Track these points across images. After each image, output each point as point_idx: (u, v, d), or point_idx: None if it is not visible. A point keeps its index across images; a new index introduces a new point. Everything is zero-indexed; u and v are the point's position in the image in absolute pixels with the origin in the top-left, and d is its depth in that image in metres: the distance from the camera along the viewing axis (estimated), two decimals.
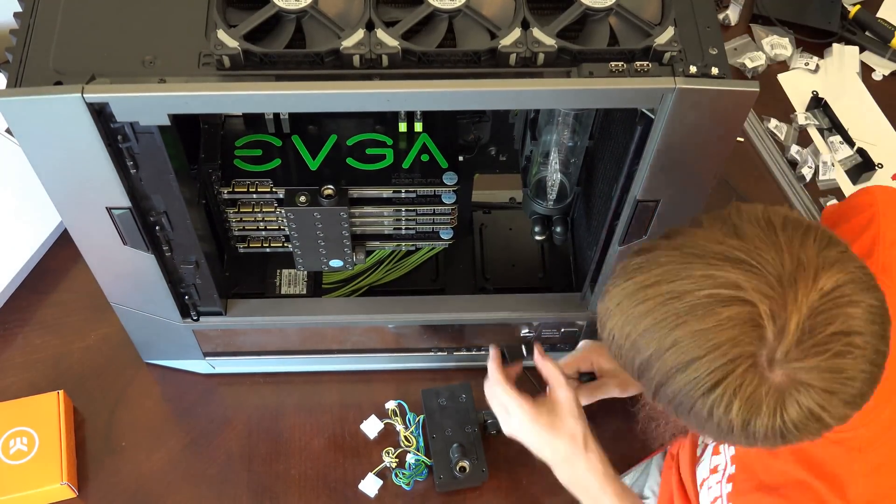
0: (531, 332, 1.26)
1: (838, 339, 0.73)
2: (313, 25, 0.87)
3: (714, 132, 0.91)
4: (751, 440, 0.77)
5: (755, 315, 0.73)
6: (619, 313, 0.79)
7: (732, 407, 0.74)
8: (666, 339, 0.75)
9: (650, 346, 0.77)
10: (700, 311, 0.74)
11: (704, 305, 0.74)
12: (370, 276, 1.26)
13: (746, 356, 0.73)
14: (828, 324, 0.73)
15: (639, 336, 0.77)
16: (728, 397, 0.74)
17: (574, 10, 0.88)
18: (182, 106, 0.84)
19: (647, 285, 0.77)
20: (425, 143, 1.13)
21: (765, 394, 0.74)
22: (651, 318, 0.76)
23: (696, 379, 0.74)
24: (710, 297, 0.74)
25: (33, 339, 1.33)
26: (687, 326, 0.74)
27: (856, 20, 1.67)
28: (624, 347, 0.79)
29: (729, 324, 0.73)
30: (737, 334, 0.73)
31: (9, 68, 0.84)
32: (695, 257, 0.76)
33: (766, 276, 0.73)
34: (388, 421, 1.28)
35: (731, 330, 0.73)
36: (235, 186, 1.10)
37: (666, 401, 0.79)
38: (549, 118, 1.15)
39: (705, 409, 0.75)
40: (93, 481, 1.23)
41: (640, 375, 0.80)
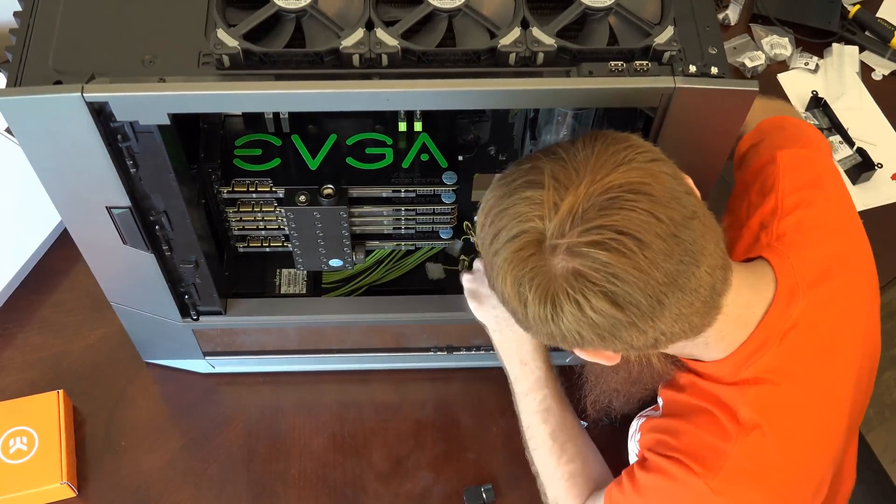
0: None
1: (606, 231, 0.78)
2: (313, 25, 0.87)
3: (714, 132, 0.91)
4: (569, 334, 0.83)
5: (541, 195, 0.80)
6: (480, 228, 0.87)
7: (529, 298, 0.81)
8: (495, 225, 0.83)
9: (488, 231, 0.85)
10: (516, 191, 0.82)
11: (519, 188, 0.82)
12: (370, 276, 1.26)
13: (532, 232, 0.80)
14: (602, 215, 0.78)
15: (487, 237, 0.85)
16: (526, 285, 0.81)
17: (574, 10, 0.89)
18: (182, 105, 0.84)
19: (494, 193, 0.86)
20: (425, 143, 1.13)
21: (554, 280, 0.80)
22: (493, 209, 0.85)
23: (507, 259, 0.82)
24: (525, 182, 0.82)
25: (33, 339, 1.33)
26: (507, 208, 0.82)
27: (856, 20, 1.67)
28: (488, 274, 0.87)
29: (523, 202, 0.81)
30: (524, 210, 0.81)
31: (9, 68, 0.84)
32: (529, 158, 0.85)
33: (567, 166, 0.81)
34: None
35: (521, 206, 0.81)
36: (235, 186, 1.10)
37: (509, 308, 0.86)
38: (548, 118, 1.15)
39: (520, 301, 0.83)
40: (93, 481, 1.23)
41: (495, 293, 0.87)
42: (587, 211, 0.78)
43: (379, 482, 1.24)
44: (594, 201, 0.78)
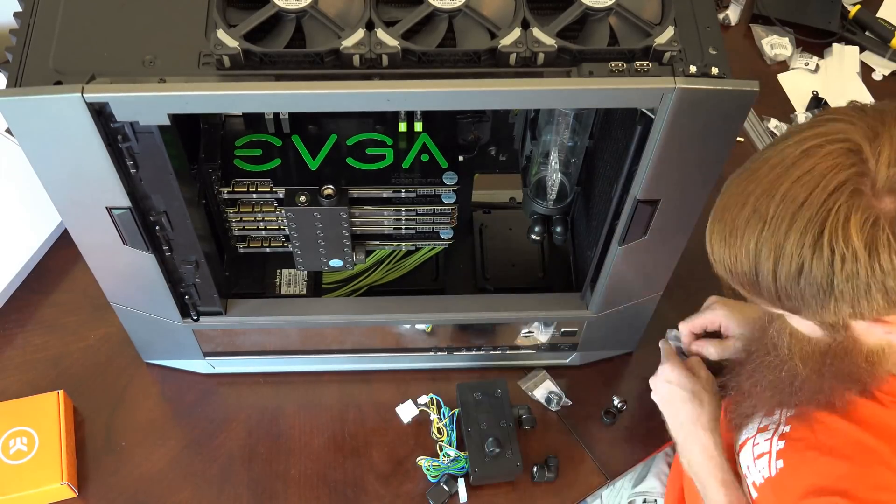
0: (530, 331, 1.27)
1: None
2: (313, 25, 0.87)
3: (714, 132, 0.91)
4: (878, 284, 0.73)
5: (851, 146, 0.72)
6: (725, 215, 0.79)
7: (851, 235, 0.72)
8: (774, 201, 0.74)
9: (760, 219, 0.75)
10: (801, 161, 0.73)
11: (802, 155, 0.73)
12: (370, 276, 1.26)
13: (851, 180, 0.72)
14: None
15: (750, 219, 0.76)
16: (843, 226, 0.72)
17: (574, 10, 0.88)
18: (182, 106, 0.84)
19: (749, 172, 0.78)
20: (425, 143, 1.13)
21: (878, 218, 0.72)
22: (757, 193, 0.76)
23: (809, 220, 0.72)
24: (806, 149, 0.73)
25: (33, 339, 1.33)
26: (791, 178, 0.73)
27: (856, 20, 1.67)
28: (730, 257, 0.78)
29: (828, 157, 0.72)
30: (838, 162, 0.72)
31: (9, 68, 0.84)
32: (788, 137, 0.76)
33: (855, 124, 0.74)
34: (424, 409, 1.29)
35: (830, 160, 0.72)
36: (235, 186, 1.10)
37: (784, 278, 0.76)
38: (549, 118, 1.15)
39: (826, 255, 0.73)
40: (93, 481, 1.23)
41: (757, 268, 0.77)
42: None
43: (379, 482, 1.24)
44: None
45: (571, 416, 1.29)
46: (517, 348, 1.31)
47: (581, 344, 1.29)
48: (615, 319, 1.23)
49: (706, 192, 1.00)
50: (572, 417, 1.29)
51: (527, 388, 1.31)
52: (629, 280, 1.15)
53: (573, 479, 1.25)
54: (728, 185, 0.81)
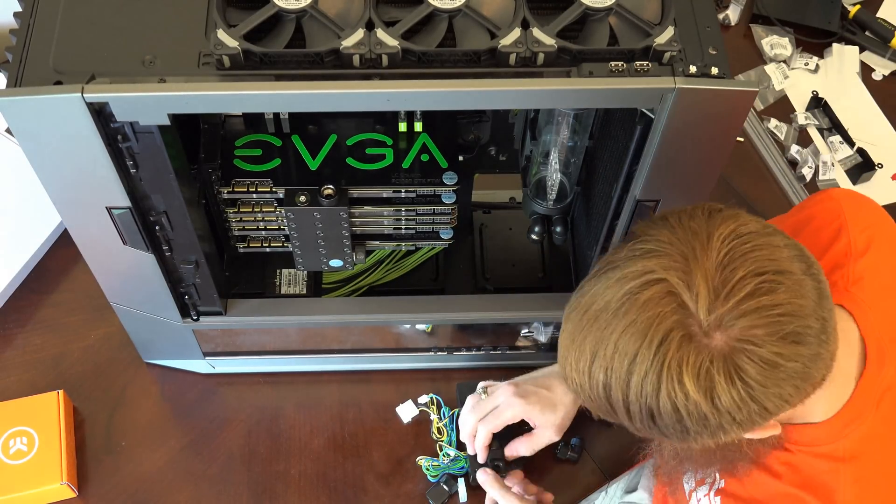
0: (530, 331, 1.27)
1: (750, 280, 0.73)
2: (313, 25, 0.87)
3: (714, 132, 0.91)
4: (726, 417, 0.74)
5: (668, 287, 0.74)
6: (569, 358, 0.79)
7: (687, 388, 0.73)
8: (608, 351, 0.75)
9: (601, 366, 0.76)
10: (623, 307, 0.75)
11: (625, 302, 0.75)
12: (370, 276, 1.26)
13: (676, 328, 0.73)
14: (735, 270, 0.73)
15: (591, 367, 0.77)
16: (679, 376, 0.73)
17: (574, 10, 0.88)
18: (182, 106, 0.84)
19: (578, 318, 0.78)
20: (425, 143, 1.13)
21: (711, 361, 0.73)
22: (591, 340, 0.77)
23: (646, 372, 0.74)
24: (627, 293, 0.75)
25: (33, 339, 1.33)
26: (619, 328, 0.75)
27: (856, 20, 1.67)
28: (588, 386, 0.78)
29: (648, 305, 0.74)
30: (658, 311, 0.73)
31: (9, 68, 0.84)
32: (609, 270, 0.78)
33: (670, 255, 0.75)
34: (424, 409, 1.29)
35: (651, 310, 0.73)
36: (235, 186, 1.10)
37: (639, 421, 0.77)
38: (549, 118, 1.15)
39: (668, 403, 0.74)
40: (93, 481, 1.23)
41: (613, 408, 0.78)
42: (722, 275, 0.73)
43: (379, 482, 1.24)
44: (722, 261, 0.74)
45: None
46: (517, 348, 1.31)
47: None
48: None
49: (706, 192, 1.00)
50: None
51: None
52: None
53: (572, 479, 1.25)
54: (566, 320, 0.81)
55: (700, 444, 0.79)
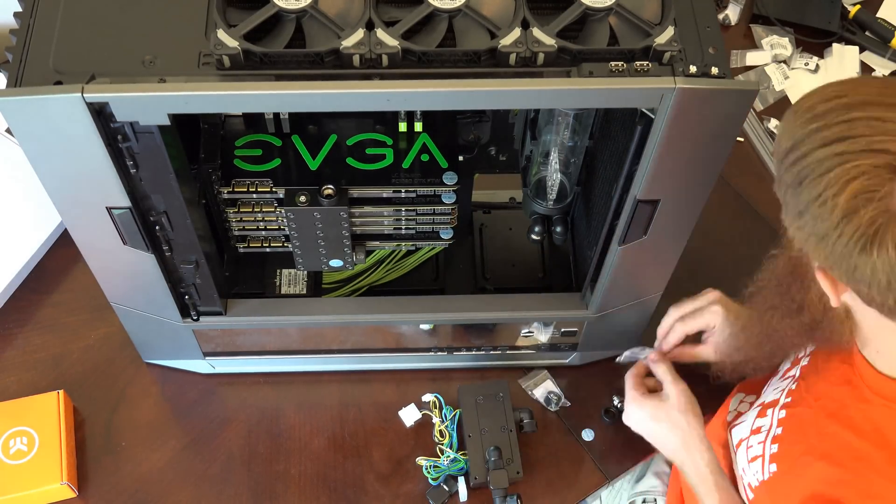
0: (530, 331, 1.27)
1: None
2: (313, 25, 0.87)
3: (714, 132, 0.91)
4: (832, 242, 0.76)
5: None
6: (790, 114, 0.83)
7: (847, 188, 0.75)
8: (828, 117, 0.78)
9: (810, 156, 0.78)
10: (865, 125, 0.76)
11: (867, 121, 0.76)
12: (370, 276, 1.26)
13: (888, 156, 0.74)
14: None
15: (800, 117, 0.81)
16: (849, 177, 0.75)
17: (574, 10, 0.88)
18: (182, 106, 0.84)
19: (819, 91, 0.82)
20: (425, 143, 1.13)
21: (884, 195, 0.74)
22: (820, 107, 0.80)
23: (838, 154, 0.76)
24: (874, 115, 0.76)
25: (33, 339, 1.33)
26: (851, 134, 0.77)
27: (856, 20, 1.67)
28: (784, 164, 0.81)
29: (879, 126, 0.75)
30: (883, 139, 0.75)
31: (9, 68, 0.84)
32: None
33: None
34: (427, 412, 1.28)
35: (875, 132, 0.75)
36: (235, 186, 1.10)
37: (793, 164, 0.80)
38: (549, 118, 1.15)
39: (822, 183, 0.76)
40: (93, 481, 1.23)
41: (785, 154, 0.81)
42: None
43: (379, 482, 1.24)
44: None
45: (571, 416, 1.29)
46: (517, 348, 1.31)
47: (581, 344, 1.29)
48: (615, 319, 1.23)
49: (706, 192, 1.00)
50: (572, 417, 1.29)
51: (527, 387, 1.31)
52: (629, 280, 1.15)
53: (573, 479, 1.25)
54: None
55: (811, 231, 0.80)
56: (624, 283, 1.15)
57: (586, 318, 1.23)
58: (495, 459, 1.19)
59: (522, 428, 1.24)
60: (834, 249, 0.77)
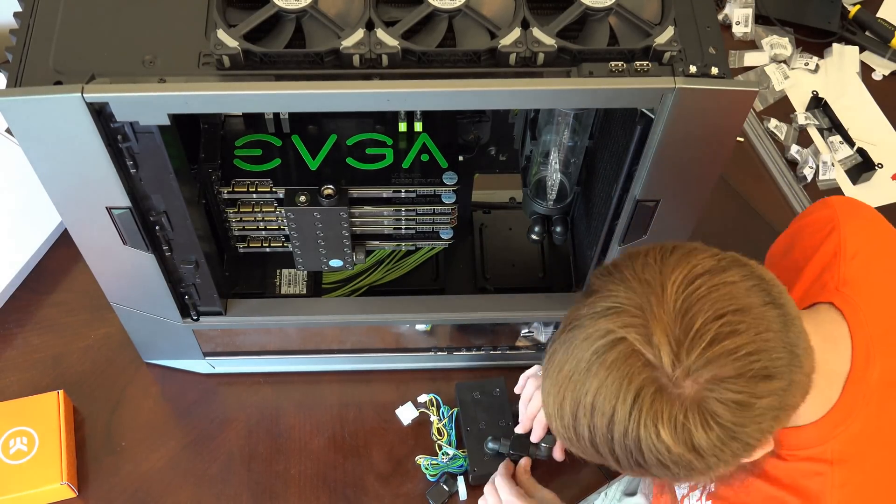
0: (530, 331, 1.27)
1: (710, 325, 0.73)
2: (313, 25, 0.87)
3: (714, 132, 0.91)
4: (711, 459, 0.75)
5: (630, 347, 0.74)
6: (553, 412, 0.80)
7: (666, 441, 0.74)
8: (587, 410, 0.76)
9: (583, 423, 0.77)
10: (593, 368, 0.75)
11: (594, 362, 0.75)
12: (370, 276, 1.26)
13: (647, 385, 0.74)
14: (694, 318, 0.74)
15: (574, 422, 0.78)
16: (656, 432, 0.74)
17: (574, 10, 0.88)
18: (182, 106, 0.84)
19: (555, 375, 0.79)
20: (425, 143, 1.13)
21: (684, 412, 0.73)
22: (569, 402, 0.78)
23: (626, 430, 0.75)
24: (594, 353, 0.76)
25: (33, 339, 1.33)
26: (593, 388, 0.75)
27: (856, 20, 1.67)
28: (574, 438, 0.80)
29: (615, 366, 0.74)
30: (626, 371, 0.74)
31: (9, 68, 0.84)
32: (574, 329, 0.78)
33: (627, 310, 0.75)
34: (424, 410, 1.29)
35: (619, 370, 0.74)
36: (235, 186, 1.10)
37: (627, 464, 0.78)
38: (549, 118, 1.15)
39: (653, 455, 0.75)
40: (93, 481, 1.23)
41: (603, 458, 0.80)
42: (682, 325, 0.74)
43: (379, 482, 1.24)
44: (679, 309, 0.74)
45: None
46: (517, 348, 1.31)
47: None
48: None
49: (706, 192, 1.00)
50: None
51: None
52: None
53: (573, 479, 1.25)
54: (543, 378, 0.82)
55: (695, 480, 0.80)
56: None
57: None
58: (493, 448, 1.19)
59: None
60: (718, 458, 0.75)
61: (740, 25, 1.66)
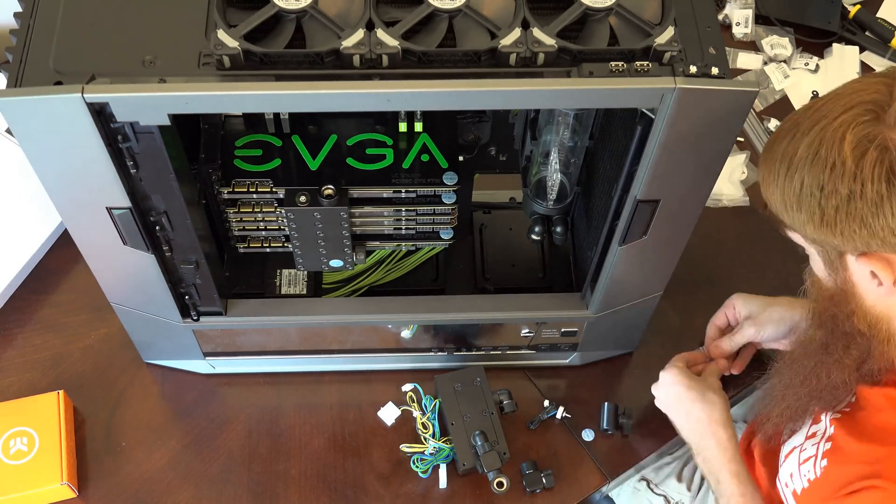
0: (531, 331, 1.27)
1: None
2: (313, 25, 0.87)
3: (714, 132, 0.91)
4: (850, 221, 0.81)
5: (879, 86, 0.81)
6: (765, 163, 0.88)
7: (845, 149, 0.79)
8: (809, 133, 0.83)
9: (798, 149, 0.83)
10: (830, 103, 0.83)
11: (833, 100, 0.83)
12: (370, 276, 1.26)
13: (869, 108, 0.80)
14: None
15: (788, 159, 0.84)
16: (840, 135, 0.80)
17: (574, 10, 0.88)
18: (182, 106, 0.84)
19: (798, 114, 0.87)
20: (425, 143, 1.13)
21: (876, 142, 0.79)
22: (794, 136, 0.84)
23: (824, 130, 0.81)
24: (835, 95, 0.83)
25: (33, 339, 1.33)
26: (834, 111, 0.82)
27: (856, 20, 1.67)
28: (791, 177, 0.85)
29: (854, 96, 0.81)
30: (865, 97, 0.81)
31: (9, 68, 0.84)
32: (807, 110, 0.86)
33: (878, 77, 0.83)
34: (406, 408, 1.28)
35: (855, 95, 0.81)
36: (235, 186, 1.10)
37: (807, 194, 0.83)
38: (549, 118, 1.15)
39: (822, 170, 0.81)
40: (93, 481, 1.23)
41: (799, 199, 0.84)
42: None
43: (379, 482, 1.24)
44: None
45: (571, 416, 1.29)
46: (517, 348, 1.31)
47: (581, 344, 1.29)
48: (615, 319, 1.23)
49: (706, 192, 1.00)
50: (572, 417, 1.29)
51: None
52: (629, 280, 1.15)
53: (573, 479, 1.25)
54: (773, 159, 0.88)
55: (827, 237, 0.84)
56: (624, 283, 1.15)
57: (586, 318, 1.23)
58: (482, 443, 1.19)
59: (503, 409, 1.25)
60: (864, 205, 0.80)
61: (740, 26, 1.66)
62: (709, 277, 1.40)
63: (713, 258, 1.42)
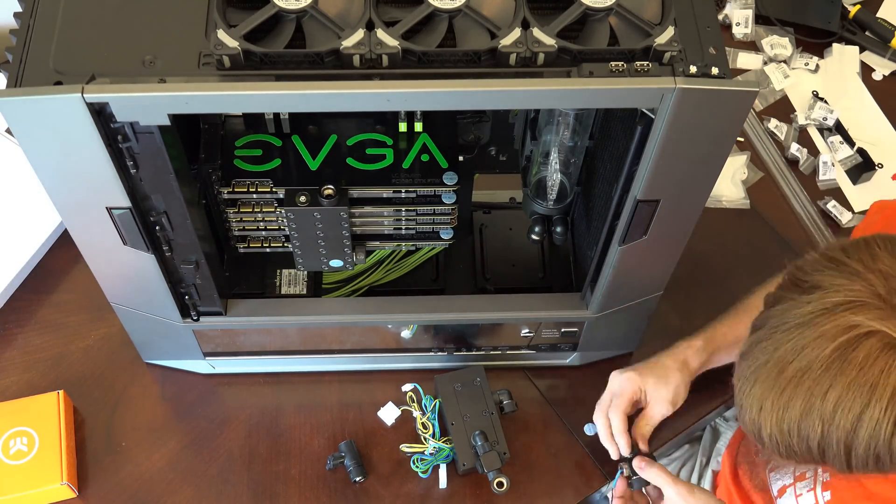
0: (531, 331, 1.27)
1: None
2: (313, 25, 0.87)
3: (714, 132, 0.91)
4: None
5: (884, 339, 0.73)
6: (767, 416, 0.79)
7: None
8: (826, 409, 0.75)
9: (816, 424, 0.76)
10: (836, 366, 0.74)
11: (837, 360, 0.74)
12: (370, 276, 1.26)
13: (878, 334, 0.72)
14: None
15: (800, 423, 0.76)
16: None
17: (574, 10, 0.88)
18: (182, 106, 0.84)
19: (774, 377, 0.77)
20: (425, 143, 1.13)
21: None
22: (799, 401, 0.76)
23: (878, 423, 0.73)
24: (836, 349, 0.74)
25: (33, 339, 1.33)
26: (837, 387, 0.74)
27: (856, 20, 1.67)
28: (792, 442, 0.78)
29: (869, 361, 0.73)
30: (883, 365, 0.72)
31: (9, 68, 0.84)
32: (797, 328, 0.76)
33: (870, 302, 0.74)
34: (406, 408, 1.28)
35: (875, 365, 0.72)
36: (235, 186, 1.10)
37: (862, 463, 0.77)
38: (549, 118, 1.15)
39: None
40: (93, 481, 1.23)
41: (823, 456, 0.78)
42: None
43: (379, 482, 1.24)
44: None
45: (571, 416, 1.29)
46: (517, 348, 1.31)
47: (581, 344, 1.29)
48: (615, 319, 1.23)
49: (706, 192, 1.00)
50: (572, 417, 1.29)
51: None
52: (629, 280, 1.15)
53: (573, 479, 1.25)
54: (752, 381, 0.80)
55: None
56: (624, 283, 1.15)
57: (586, 318, 1.23)
58: (482, 443, 1.19)
59: (503, 409, 1.25)
60: None
61: (740, 26, 1.66)
62: (709, 277, 1.40)
63: (713, 258, 1.42)
